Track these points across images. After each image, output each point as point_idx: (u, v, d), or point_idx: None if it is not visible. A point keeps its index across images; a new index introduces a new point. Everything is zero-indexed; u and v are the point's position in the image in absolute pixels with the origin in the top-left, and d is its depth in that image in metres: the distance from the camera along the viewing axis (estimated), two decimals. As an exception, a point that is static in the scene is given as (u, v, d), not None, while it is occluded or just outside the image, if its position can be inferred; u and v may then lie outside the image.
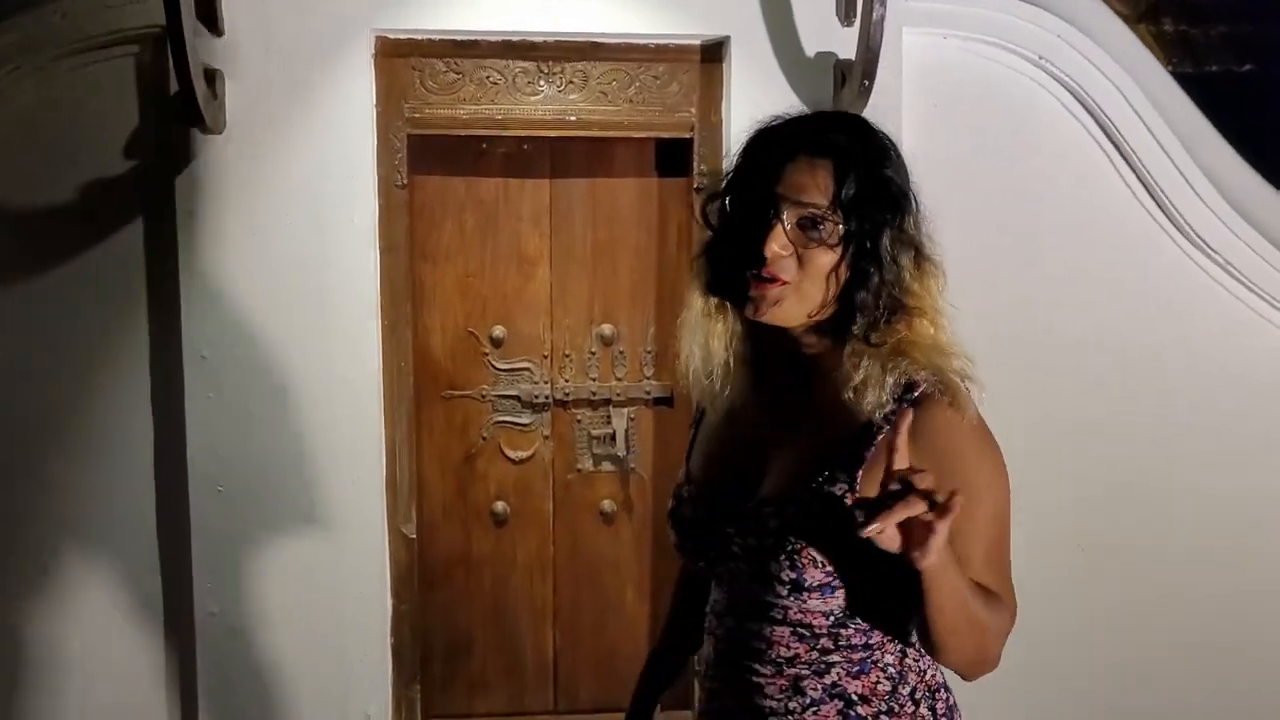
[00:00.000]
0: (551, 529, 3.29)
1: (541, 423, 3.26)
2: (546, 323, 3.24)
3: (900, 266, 1.27)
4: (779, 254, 1.24)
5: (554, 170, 3.20)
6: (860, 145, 1.29)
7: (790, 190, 1.25)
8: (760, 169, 1.29)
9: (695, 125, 3.09)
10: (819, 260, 1.25)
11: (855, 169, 1.25)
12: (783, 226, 1.25)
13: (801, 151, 1.27)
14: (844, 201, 1.25)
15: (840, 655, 1.31)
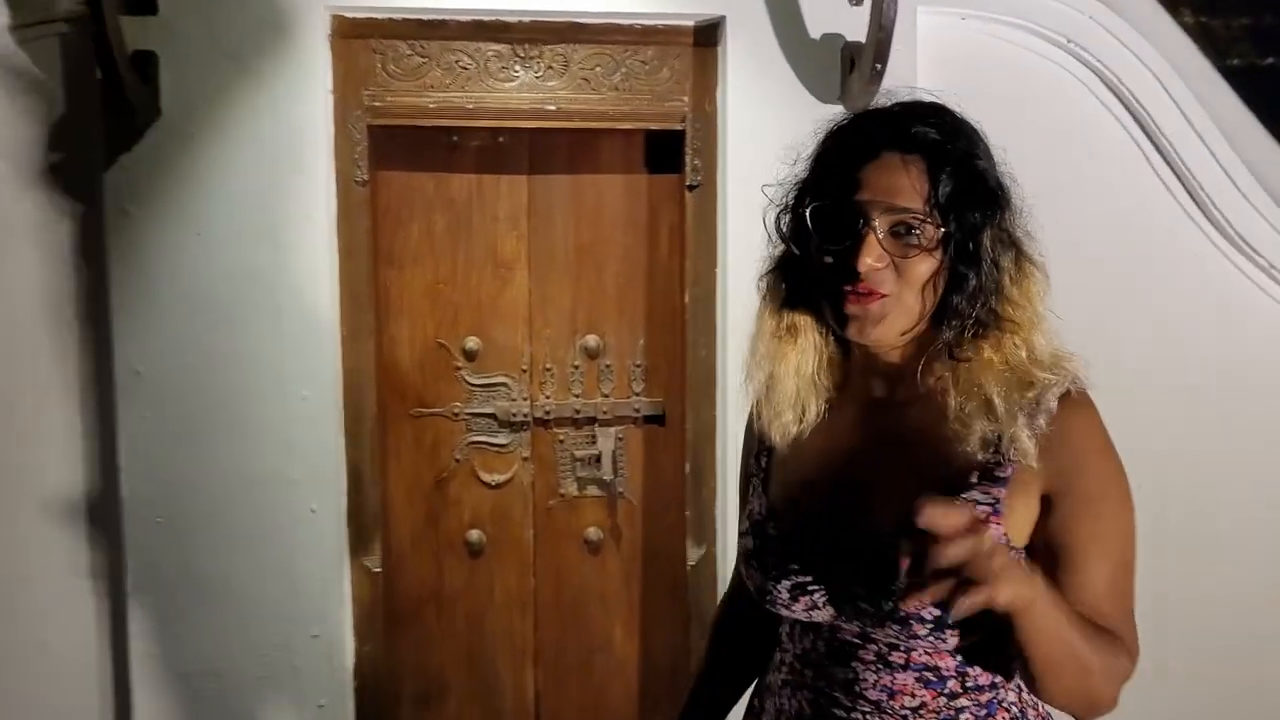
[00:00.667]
0: (532, 560, 3.00)
1: (520, 443, 2.97)
2: (525, 333, 2.95)
3: (1001, 269, 1.18)
4: (874, 267, 1.14)
5: (532, 165, 2.93)
6: (950, 136, 1.18)
7: (880, 194, 1.15)
8: (842, 172, 1.18)
9: (688, 115, 2.81)
10: (918, 269, 1.16)
11: (949, 163, 1.15)
12: (875, 236, 1.14)
13: (886, 149, 1.16)
14: (941, 201, 1.14)
15: (969, 699, 1.21)
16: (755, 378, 1.31)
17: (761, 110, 2.74)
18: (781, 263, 1.29)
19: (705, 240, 2.83)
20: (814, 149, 1.26)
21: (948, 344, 1.19)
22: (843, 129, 1.24)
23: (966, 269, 1.17)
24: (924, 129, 1.18)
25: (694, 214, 2.83)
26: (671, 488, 2.99)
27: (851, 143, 1.21)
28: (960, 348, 1.18)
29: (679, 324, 2.92)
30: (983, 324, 1.18)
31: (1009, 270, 1.18)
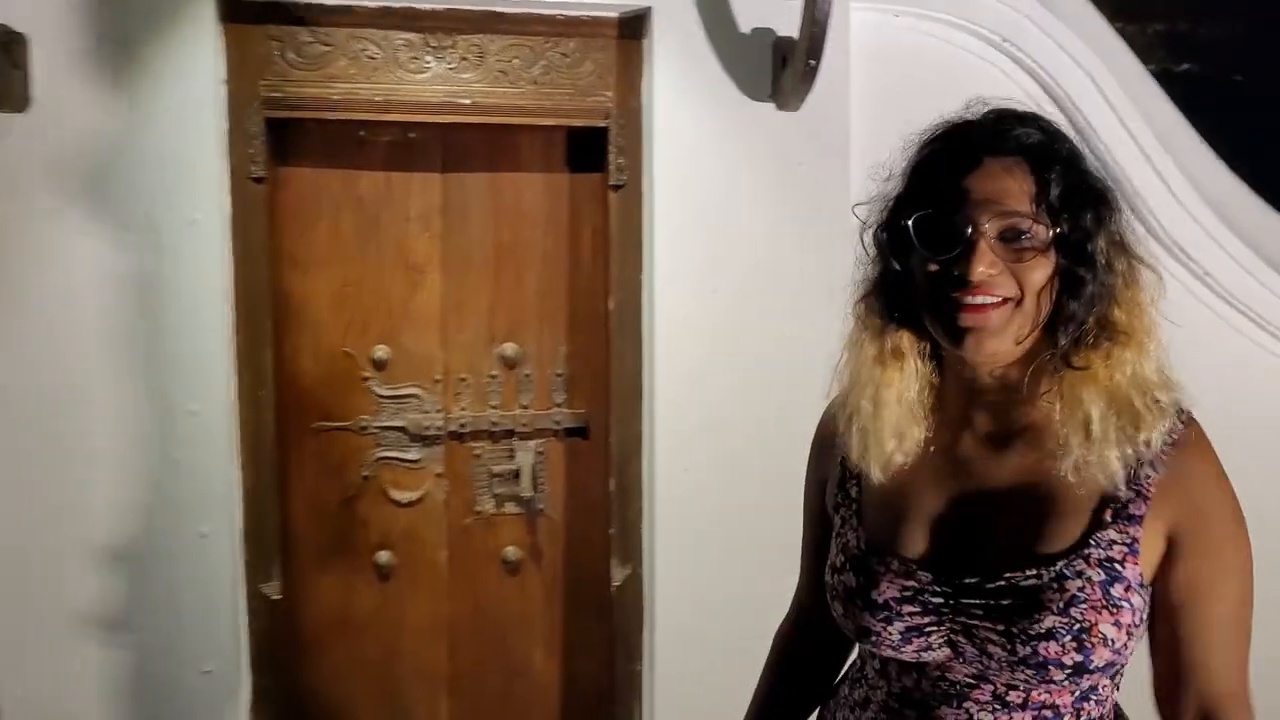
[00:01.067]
0: (446, 582, 2.83)
1: (433, 458, 2.79)
2: (439, 341, 2.77)
3: (1114, 272, 1.13)
4: (989, 274, 1.09)
5: (446, 163, 2.75)
6: (1052, 138, 1.14)
7: (988, 198, 1.10)
8: (943, 182, 1.13)
9: (612, 112, 2.66)
10: (1034, 275, 1.11)
11: (1055, 164, 1.11)
12: (986, 241, 1.09)
13: (988, 155, 1.12)
14: (1051, 202, 1.10)
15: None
16: (852, 405, 1.24)
17: (689, 107, 2.61)
18: (878, 283, 1.23)
19: (630, 243, 2.69)
20: (907, 162, 1.20)
21: (1062, 353, 1.13)
22: (937, 139, 1.18)
23: (1082, 271, 1.11)
24: (1025, 131, 1.13)
25: (619, 215, 2.69)
26: (595, 504, 2.84)
27: (950, 151, 1.15)
28: (1076, 356, 1.13)
29: (603, 331, 2.77)
30: (1094, 333, 1.13)
31: (1122, 274, 1.14)
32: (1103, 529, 1.12)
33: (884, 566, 1.20)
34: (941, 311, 1.13)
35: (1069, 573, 1.11)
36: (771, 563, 2.73)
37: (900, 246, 1.18)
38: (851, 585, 1.22)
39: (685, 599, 2.69)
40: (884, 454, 1.21)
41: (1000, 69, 2.80)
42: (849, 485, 1.30)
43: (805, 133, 2.63)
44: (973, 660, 1.14)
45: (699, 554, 2.68)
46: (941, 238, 1.12)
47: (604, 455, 2.79)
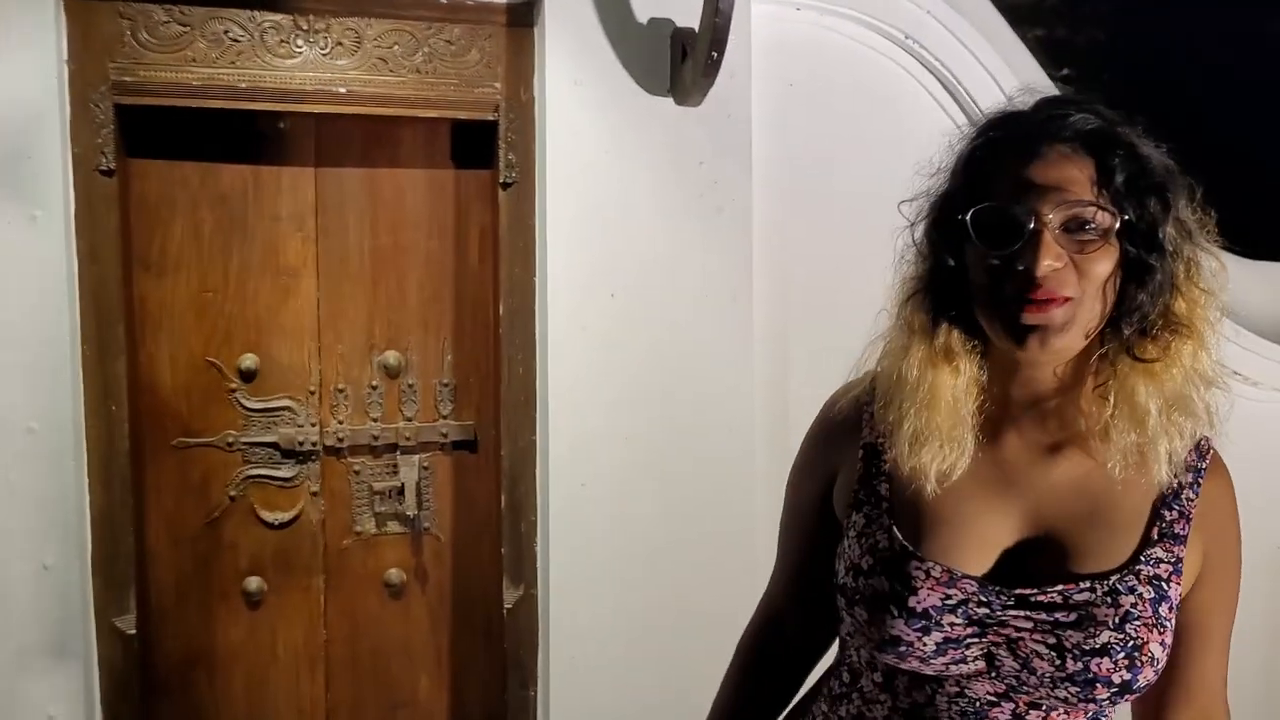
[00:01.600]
0: (322, 609, 2.62)
1: (308, 476, 2.58)
2: (313, 349, 2.57)
3: (1180, 260, 1.09)
4: (1054, 267, 1.04)
5: (320, 157, 2.55)
6: (1109, 123, 1.10)
7: (1049, 187, 1.05)
8: (999, 173, 1.09)
9: (501, 105, 2.49)
10: (1099, 267, 1.06)
11: (1118, 149, 1.07)
12: (1050, 233, 1.04)
13: (1045, 143, 1.07)
14: (1117, 187, 1.05)
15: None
16: (901, 408, 1.17)
17: (584, 100, 2.46)
18: (927, 282, 1.17)
19: (522, 244, 2.53)
20: (957, 156, 1.15)
21: (1126, 345, 1.09)
22: (990, 128, 1.13)
23: (1152, 259, 1.07)
24: (1082, 117, 1.08)
25: (509, 215, 2.52)
26: (485, 522, 2.67)
27: (1006, 141, 1.10)
28: (1139, 348, 1.09)
29: (492, 338, 2.61)
30: (1157, 325, 1.09)
31: (1186, 262, 1.10)
32: (1151, 546, 1.11)
33: (923, 572, 1.13)
34: (1003, 309, 1.07)
35: (1122, 588, 1.09)
36: (675, 583, 2.64)
37: (953, 243, 1.13)
38: (884, 590, 1.14)
39: (582, 621, 2.55)
40: (941, 459, 1.15)
41: (903, 66, 2.73)
42: (877, 483, 1.22)
43: (706, 129, 2.50)
44: (1008, 675, 1.10)
45: (596, 573, 2.54)
46: (1002, 231, 1.07)
47: (494, 469, 2.63)
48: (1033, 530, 1.14)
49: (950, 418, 1.15)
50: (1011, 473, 1.16)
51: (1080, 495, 1.13)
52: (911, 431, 1.15)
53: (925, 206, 1.18)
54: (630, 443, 2.54)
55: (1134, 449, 1.09)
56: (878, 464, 1.21)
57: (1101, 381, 1.11)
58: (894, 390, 1.19)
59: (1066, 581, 1.09)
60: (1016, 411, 1.16)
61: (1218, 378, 1.12)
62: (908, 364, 1.17)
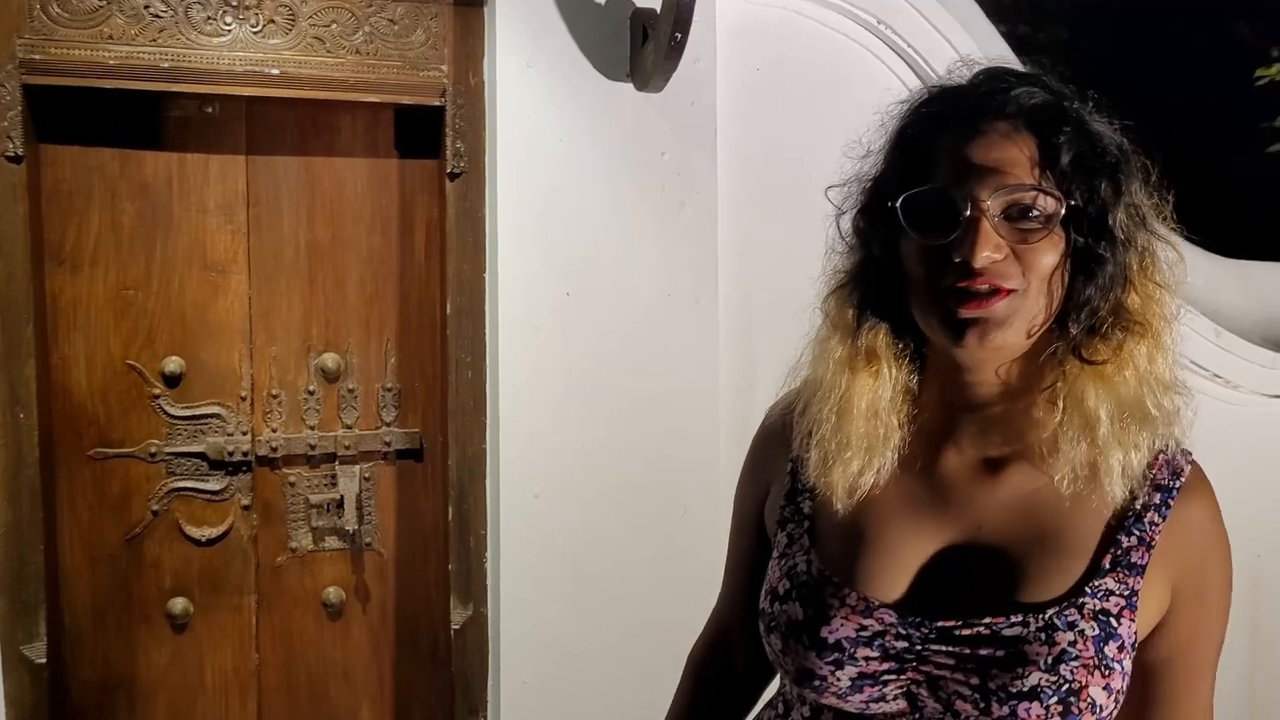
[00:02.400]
0: (254, 631, 2.44)
1: (238, 488, 2.40)
2: (244, 352, 2.39)
3: (1133, 251, 0.99)
4: (993, 259, 0.95)
5: (251, 144, 2.38)
6: (1056, 97, 1.00)
7: (988, 170, 0.96)
8: (934, 155, 0.99)
9: (448, 89, 2.33)
10: (1044, 258, 0.97)
11: (1065, 126, 0.98)
12: (989, 220, 0.95)
13: (985, 120, 0.98)
14: (1063, 169, 0.96)
15: None
16: (814, 415, 1.08)
17: (537, 85, 2.30)
18: (854, 275, 1.07)
19: (470, 239, 2.37)
20: (888, 135, 1.05)
21: (1073, 345, 0.99)
22: (924, 105, 1.03)
23: (1100, 249, 0.97)
24: (1026, 90, 0.99)
25: (457, 207, 2.37)
26: (431, 536, 2.51)
27: (940, 118, 1.00)
28: (1087, 348, 0.99)
29: (439, 339, 2.45)
30: (1108, 322, 0.99)
31: (1140, 252, 1.00)
32: (1100, 576, 0.98)
33: (838, 600, 1.04)
34: (938, 304, 0.98)
35: (1060, 623, 0.96)
36: (635, 600, 2.49)
37: (883, 232, 1.03)
38: (797, 618, 1.05)
39: (535, 642, 2.39)
40: (850, 475, 1.05)
41: (875, 54, 2.59)
42: (800, 500, 1.12)
43: (669, 117, 2.35)
44: (932, 718, 0.99)
45: (550, 591, 2.39)
46: (936, 218, 0.97)
47: (441, 480, 2.47)
48: (968, 555, 1.03)
49: (866, 427, 1.05)
50: (949, 491, 1.05)
51: (1026, 516, 1.02)
52: (822, 443, 1.07)
53: (854, 192, 1.08)
54: (586, 451, 2.39)
55: (1084, 462, 0.98)
56: (803, 479, 1.12)
57: (1049, 385, 1.01)
58: (808, 396, 1.10)
59: (997, 614, 0.98)
60: (956, 422, 1.06)
61: (1176, 382, 1.02)
62: (823, 367, 1.09)
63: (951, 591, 1.01)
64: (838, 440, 1.06)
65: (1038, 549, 1.00)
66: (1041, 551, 1.00)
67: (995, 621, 0.97)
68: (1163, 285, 1.01)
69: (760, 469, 1.22)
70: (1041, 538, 1.00)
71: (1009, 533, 1.02)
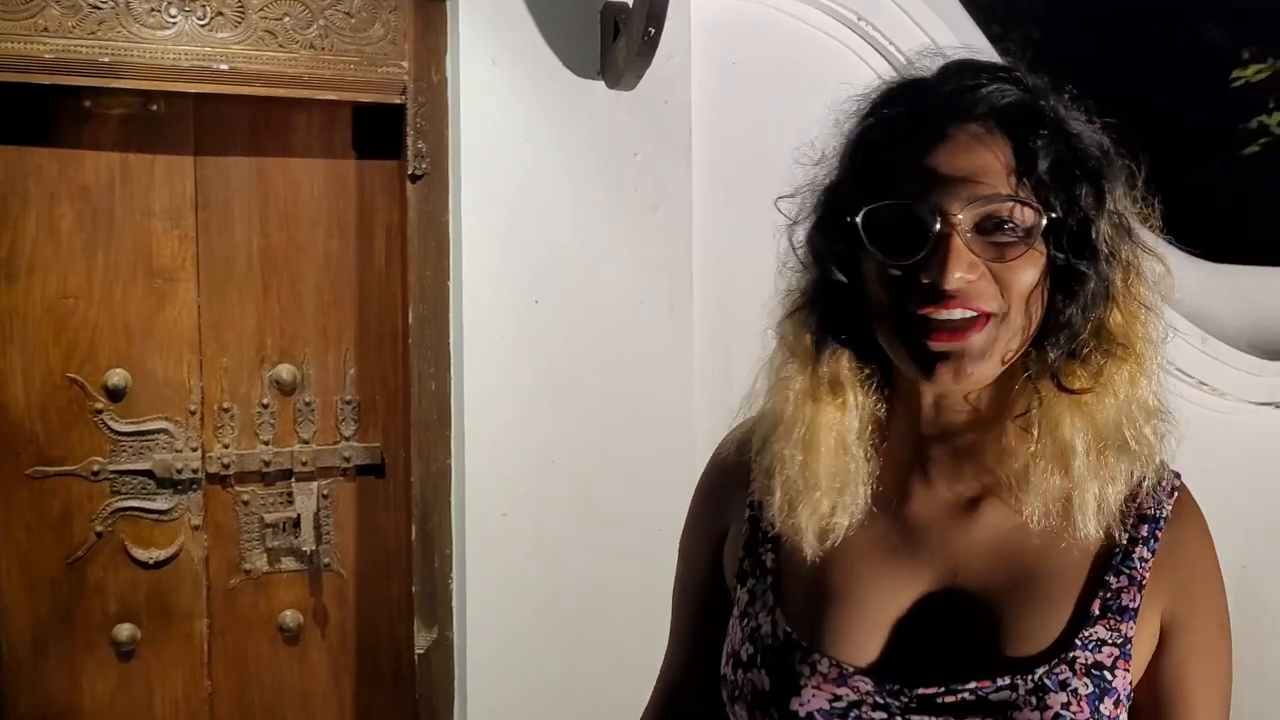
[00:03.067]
0: (206, 657, 2.33)
1: (188, 507, 2.29)
2: (193, 363, 2.27)
3: (1117, 265, 0.90)
4: (966, 279, 0.85)
5: (200, 144, 2.27)
6: (1034, 93, 0.90)
7: (958, 179, 0.86)
8: (896, 163, 0.89)
9: (409, 86, 2.24)
10: (1023, 276, 0.87)
11: (1041, 128, 0.88)
12: (960, 237, 0.85)
13: (952, 122, 0.88)
14: (1040, 177, 0.86)
15: None
16: (775, 454, 0.97)
17: (504, 83, 2.22)
18: (812, 296, 0.97)
19: (433, 244, 2.28)
20: (846, 139, 0.94)
21: (1051, 370, 0.89)
22: (883, 104, 0.93)
23: (1082, 265, 0.88)
24: (997, 88, 0.88)
25: (418, 211, 2.27)
26: (393, 556, 2.41)
27: (902, 121, 0.90)
28: (1066, 374, 0.89)
29: (400, 349, 2.35)
30: (1089, 344, 0.90)
31: (1124, 267, 0.90)
32: (1090, 625, 0.89)
33: (809, 667, 0.93)
34: (906, 334, 0.88)
35: (1051, 683, 0.87)
36: (607, 623, 2.39)
37: (842, 249, 0.92)
38: (763, 689, 0.95)
39: (501, 667, 2.30)
40: (820, 516, 0.95)
41: (853, 49, 2.51)
42: (762, 551, 1.01)
43: (641, 116, 2.26)
44: None
45: (519, 613, 2.29)
46: (901, 235, 0.87)
47: (404, 497, 2.37)
48: (946, 607, 0.93)
49: (835, 464, 0.95)
50: (921, 533, 0.96)
51: (1005, 559, 0.93)
52: (785, 482, 0.96)
53: (808, 203, 0.98)
54: (556, 467, 2.29)
55: (1058, 496, 0.90)
56: (765, 526, 1.01)
57: (1022, 412, 0.91)
58: (766, 431, 0.99)
59: (983, 676, 0.88)
60: (925, 454, 0.96)
61: (1161, 409, 0.93)
62: (784, 398, 0.98)
63: (931, 650, 0.92)
64: (805, 479, 0.95)
65: (1019, 596, 0.91)
66: (1024, 599, 0.91)
67: (981, 685, 0.88)
68: (1146, 306, 0.92)
69: (713, 514, 1.10)
70: (1023, 583, 0.91)
71: (988, 579, 0.93)
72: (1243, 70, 5.25)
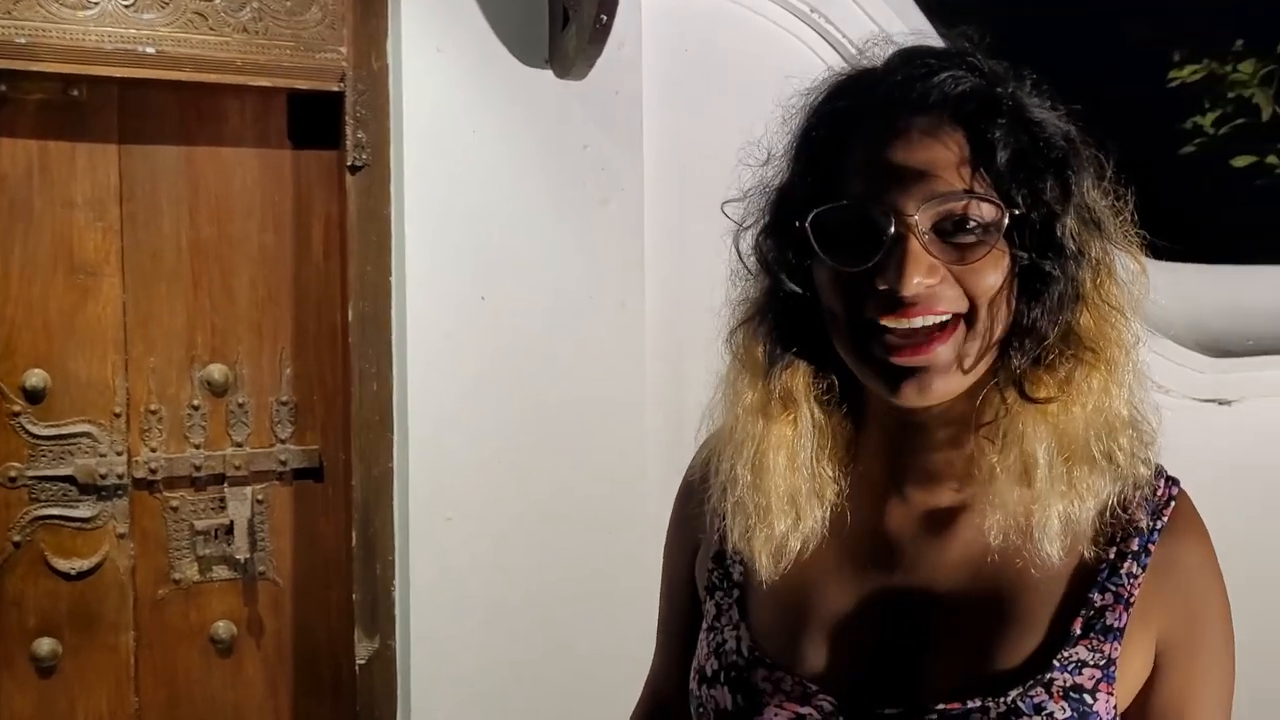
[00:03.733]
0: (133, 672, 2.22)
1: (113, 514, 2.18)
2: (118, 363, 2.16)
3: (1086, 263, 0.83)
4: (926, 285, 0.79)
5: (125, 131, 2.16)
6: (992, 79, 0.84)
7: (913, 177, 0.80)
8: (846, 160, 0.84)
9: (348, 74, 2.16)
10: (987, 279, 0.81)
11: (1000, 117, 0.82)
12: (918, 239, 0.79)
13: (904, 115, 0.82)
14: (1000, 169, 0.79)
15: None
16: (726, 473, 0.93)
17: (447, 71, 2.15)
18: (762, 306, 0.92)
19: (374, 238, 2.19)
20: (793, 138, 0.89)
21: (1015, 377, 0.84)
22: (832, 100, 0.87)
23: (1047, 264, 0.82)
24: (951, 75, 0.82)
25: (358, 203, 2.19)
26: (333, 563, 2.32)
27: (851, 115, 0.85)
28: (1030, 382, 0.84)
29: (340, 348, 2.27)
30: (1055, 350, 0.84)
31: (1094, 264, 0.84)
32: (1070, 645, 0.84)
33: (772, 685, 0.90)
34: (865, 348, 0.83)
35: (1025, 707, 0.82)
36: (557, 631, 2.32)
37: (792, 256, 0.88)
38: (725, 707, 0.92)
39: (446, 678, 2.23)
40: (774, 539, 0.90)
41: (805, 42, 2.47)
42: (731, 564, 0.98)
43: (591, 107, 2.19)
44: None
45: (463, 622, 2.22)
46: (854, 239, 0.82)
47: (344, 502, 2.29)
48: (918, 625, 0.89)
49: (788, 484, 0.90)
50: (893, 548, 0.91)
51: (980, 576, 0.89)
52: (739, 504, 0.92)
53: (756, 206, 0.92)
54: (503, 469, 2.22)
55: (1023, 512, 0.85)
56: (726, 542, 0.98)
57: (989, 421, 0.86)
58: (720, 448, 0.95)
59: (952, 697, 0.84)
60: (898, 466, 0.92)
61: (1137, 418, 0.87)
62: (734, 415, 0.94)
63: (900, 670, 0.87)
64: (756, 501, 0.91)
65: (995, 614, 0.86)
66: (1000, 617, 0.86)
67: (950, 708, 0.83)
68: (1119, 307, 0.85)
69: (687, 526, 1.06)
70: (999, 600, 0.87)
71: (963, 596, 0.88)
72: (1178, 71, 5.33)
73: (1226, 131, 5.21)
